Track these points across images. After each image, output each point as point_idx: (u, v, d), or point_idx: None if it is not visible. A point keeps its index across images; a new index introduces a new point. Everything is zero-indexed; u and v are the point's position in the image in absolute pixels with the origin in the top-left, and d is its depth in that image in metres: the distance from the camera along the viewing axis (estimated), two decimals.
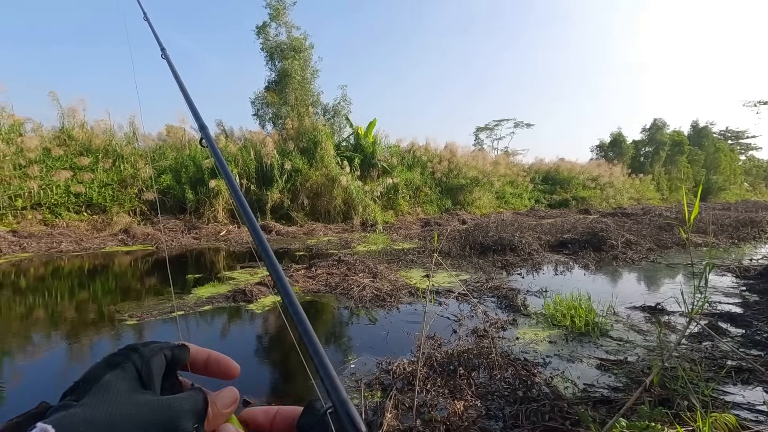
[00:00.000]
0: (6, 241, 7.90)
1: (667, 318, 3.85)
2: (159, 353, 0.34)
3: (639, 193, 27.96)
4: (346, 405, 0.31)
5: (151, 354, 0.33)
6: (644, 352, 3.04)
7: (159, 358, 0.34)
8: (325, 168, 13.02)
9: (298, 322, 0.36)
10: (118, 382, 0.30)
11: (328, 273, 5.55)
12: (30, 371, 2.92)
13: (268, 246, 0.44)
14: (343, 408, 0.31)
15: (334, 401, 0.31)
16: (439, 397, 2.33)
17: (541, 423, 2.07)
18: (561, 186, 23.91)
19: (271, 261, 0.42)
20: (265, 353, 3.27)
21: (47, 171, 10.02)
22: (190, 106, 0.78)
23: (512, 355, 2.96)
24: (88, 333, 3.63)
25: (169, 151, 12.63)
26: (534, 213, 17.59)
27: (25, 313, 4.27)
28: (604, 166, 27.60)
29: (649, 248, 7.71)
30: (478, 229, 8.95)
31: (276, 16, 16.51)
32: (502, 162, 22.16)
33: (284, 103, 16.27)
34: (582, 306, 3.70)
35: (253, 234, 0.46)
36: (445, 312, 4.06)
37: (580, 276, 5.81)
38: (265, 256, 0.43)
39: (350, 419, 0.30)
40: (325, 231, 11.19)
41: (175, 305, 4.29)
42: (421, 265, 6.50)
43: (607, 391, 2.44)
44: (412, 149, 18.39)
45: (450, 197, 17.46)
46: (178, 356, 0.36)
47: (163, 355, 0.34)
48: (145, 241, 9.05)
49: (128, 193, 10.97)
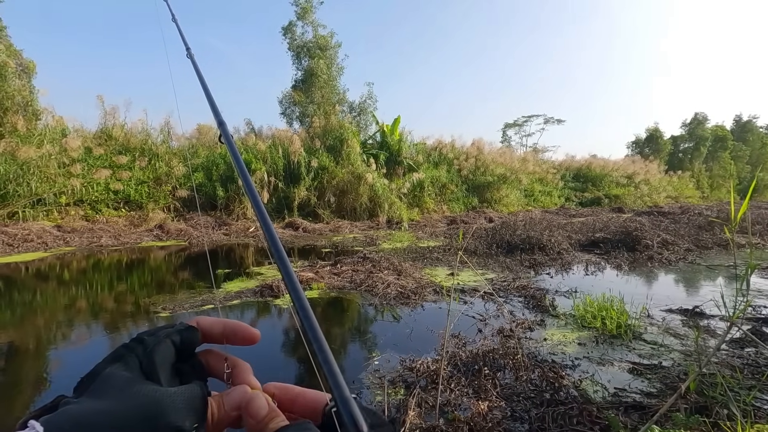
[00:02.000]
0: (51, 235, 8.38)
1: (705, 322, 3.67)
2: (164, 341, 0.34)
3: (677, 191, 26.72)
4: (348, 403, 0.30)
5: (155, 343, 0.33)
6: (680, 357, 2.90)
7: (164, 346, 0.33)
8: (351, 165, 13.11)
9: (304, 318, 0.36)
10: (115, 377, 0.30)
11: (353, 270, 5.59)
12: (73, 360, 3.08)
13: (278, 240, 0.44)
14: (345, 406, 0.30)
15: (336, 399, 0.31)
16: (463, 397, 2.31)
17: (569, 427, 2.01)
18: (593, 184, 23.17)
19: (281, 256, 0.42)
20: (290, 348, 3.33)
21: (88, 169, 10.54)
22: (210, 102, 0.80)
23: (539, 356, 2.89)
24: (125, 324, 3.81)
25: (201, 150, 13.05)
26: (564, 211, 17.12)
27: (69, 304, 4.51)
28: (640, 163, 26.56)
29: (688, 248, 7.36)
30: (505, 227, 8.79)
31: (303, 15, 16.73)
32: (531, 159, 21.67)
33: (311, 102, 16.50)
34: (614, 307, 3.57)
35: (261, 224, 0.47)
36: (470, 311, 4.01)
37: (612, 276, 5.61)
38: (275, 251, 0.43)
39: (352, 418, 0.29)
40: (351, 228, 11.28)
41: (216, 298, 4.43)
42: (446, 263, 6.45)
43: (640, 396, 2.34)
44: (439, 146, 18.26)
45: (476, 195, 17.23)
46: (188, 339, 0.36)
47: (171, 341, 0.34)
48: (179, 236, 9.39)
49: (163, 191, 11.41)
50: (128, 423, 0.27)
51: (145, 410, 0.28)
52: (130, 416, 0.28)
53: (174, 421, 0.29)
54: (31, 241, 7.89)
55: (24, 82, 11.71)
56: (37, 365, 2.98)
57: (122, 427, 0.27)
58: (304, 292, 0.38)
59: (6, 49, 11.39)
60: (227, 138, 0.66)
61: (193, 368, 0.36)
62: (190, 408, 0.30)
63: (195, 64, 0.97)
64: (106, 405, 0.28)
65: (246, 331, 0.39)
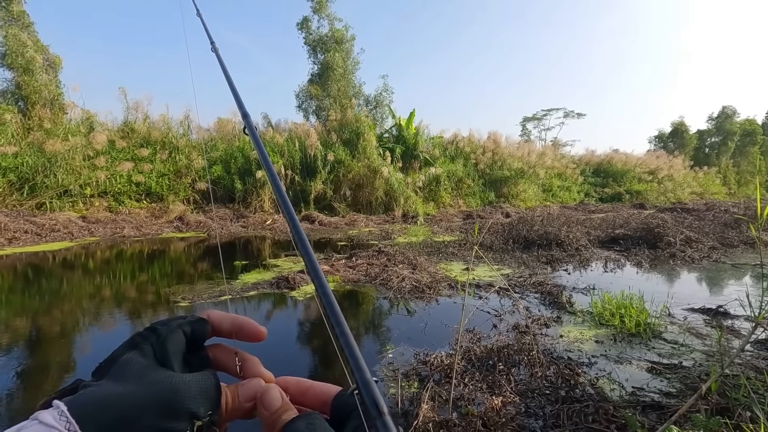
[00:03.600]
0: (77, 226, 8.66)
1: (729, 322, 3.56)
2: (177, 331, 0.35)
3: (702, 187, 25.89)
4: (369, 386, 0.31)
5: (168, 332, 0.34)
6: (702, 357, 2.83)
7: (176, 335, 0.35)
8: (367, 159, 13.12)
9: (327, 303, 0.36)
10: (133, 363, 0.31)
11: (368, 263, 5.61)
12: (97, 345, 3.20)
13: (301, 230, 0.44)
14: (366, 389, 0.31)
15: (358, 381, 0.31)
16: (477, 392, 2.30)
17: (584, 425, 1.99)
18: (614, 179, 22.64)
19: (304, 244, 0.42)
20: (305, 338, 3.38)
21: (112, 162, 10.82)
22: (234, 95, 0.82)
23: (555, 353, 2.86)
24: (146, 313, 3.92)
25: (219, 143, 13.24)
26: (583, 207, 16.80)
27: (93, 292, 4.67)
28: (663, 158, 25.79)
29: (712, 246, 7.13)
30: (522, 222, 8.68)
31: (319, 9, 16.72)
32: (550, 153, 21.24)
33: (327, 95, 16.52)
34: (633, 305, 3.50)
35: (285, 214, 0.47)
36: (485, 306, 3.99)
37: (632, 274, 5.49)
38: (298, 239, 0.43)
39: (373, 400, 0.30)
40: (367, 222, 11.32)
41: (225, 290, 4.52)
42: (461, 258, 6.41)
43: (658, 396, 2.30)
44: (455, 140, 18.08)
45: (493, 189, 17.04)
46: (198, 331, 0.37)
47: (182, 332, 0.35)
48: (198, 228, 9.59)
49: (183, 183, 11.65)
50: (146, 406, 0.29)
51: (162, 395, 0.30)
52: (147, 399, 0.29)
53: (189, 406, 0.30)
54: (58, 231, 8.17)
55: (51, 76, 12.09)
56: (63, 350, 3.10)
57: (141, 409, 0.28)
58: (326, 278, 0.39)
59: (34, 44, 11.74)
60: (251, 130, 0.67)
61: (200, 360, 0.37)
62: (204, 395, 0.32)
63: (219, 58, 0.98)
64: (125, 388, 0.29)
65: (253, 328, 0.39)
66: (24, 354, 3.03)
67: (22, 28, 11.82)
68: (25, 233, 7.71)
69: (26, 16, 12.20)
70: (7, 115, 10.42)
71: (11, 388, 2.48)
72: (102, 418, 0.27)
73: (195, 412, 0.31)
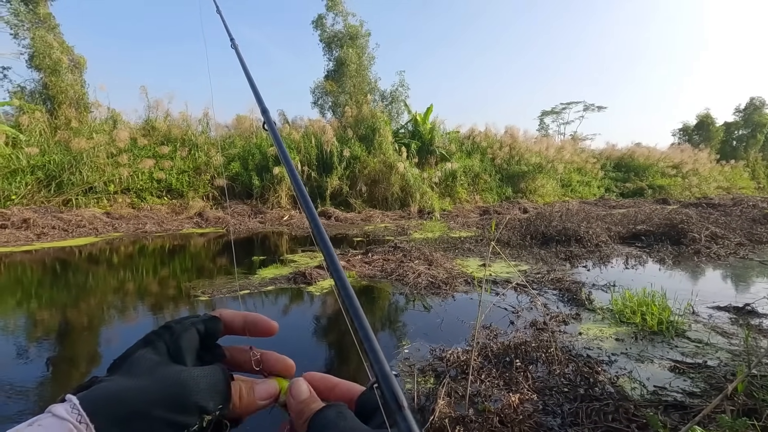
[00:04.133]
0: (101, 222, 8.93)
1: (757, 321, 3.44)
2: (190, 329, 0.36)
3: (729, 182, 24.96)
4: (389, 380, 0.31)
5: (182, 330, 0.36)
6: (728, 357, 2.75)
7: (190, 333, 0.36)
8: (383, 155, 13.11)
9: (345, 297, 0.37)
10: (144, 359, 0.32)
11: (384, 259, 5.62)
12: (122, 338, 3.30)
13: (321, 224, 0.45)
14: (386, 382, 0.31)
15: (378, 375, 0.31)
16: (494, 389, 2.29)
17: (604, 423, 1.96)
18: (636, 173, 22.05)
19: (323, 238, 0.43)
20: (322, 333, 3.41)
21: (134, 159, 11.10)
22: (254, 92, 0.82)
23: (574, 350, 2.82)
24: (168, 307, 4.02)
25: (237, 140, 13.43)
26: (604, 202, 16.44)
27: (117, 286, 4.81)
28: (688, 152, 24.97)
29: (739, 243, 6.89)
30: (540, 218, 8.55)
31: (333, 6, 16.74)
32: (569, 147, 20.81)
33: (342, 92, 16.55)
34: (655, 303, 3.42)
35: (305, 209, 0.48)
36: (502, 303, 3.95)
37: (654, 271, 5.36)
38: (317, 233, 0.44)
39: (392, 394, 0.30)
40: (382, 218, 11.33)
41: (237, 286, 4.59)
42: (478, 254, 6.37)
43: (681, 395, 2.24)
44: (472, 135, 17.89)
45: (510, 185, 16.82)
46: (211, 328, 0.38)
47: (195, 329, 0.36)
48: (217, 224, 9.76)
49: (202, 180, 11.87)
50: (155, 400, 0.30)
51: (170, 389, 0.31)
52: (156, 394, 0.30)
53: (198, 400, 0.31)
54: (84, 226, 8.43)
55: (76, 76, 12.43)
56: (90, 342, 3.21)
57: (150, 403, 0.29)
58: (344, 272, 0.39)
59: (59, 45, 12.09)
60: (270, 126, 0.68)
61: (214, 357, 0.38)
62: (213, 390, 0.33)
63: (239, 55, 0.99)
64: (135, 383, 0.30)
65: (265, 323, 0.40)
66: (53, 345, 3.15)
67: (49, 30, 12.18)
68: (53, 229, 7.99)
69: (52, 18, 12.56)
70: (37, 114, 10.80)
71: (42, 378, 2.59)
72: (112, 411, 0.28)
73: (204, 407, 0.31)
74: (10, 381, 2.51)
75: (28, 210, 8.64)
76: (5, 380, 2.52)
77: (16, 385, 2.46)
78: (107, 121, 12.23)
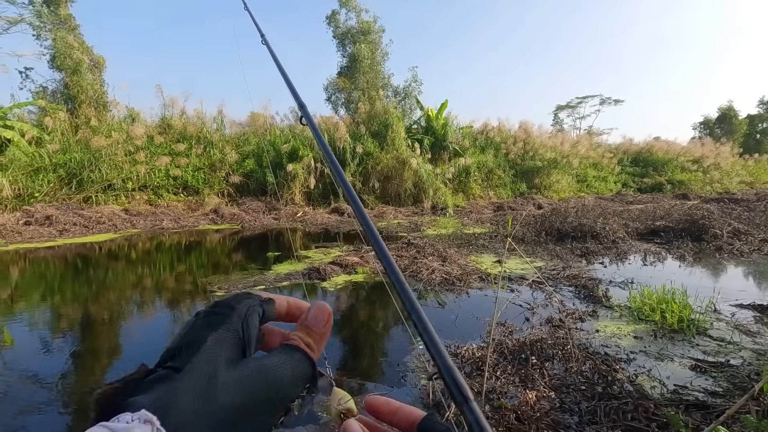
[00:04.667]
0: (120, 218, 9.12)
1: None
2: (254, 312, 0.33)
3: (752, 176, 24.19)
4: (452, 372, 0.30)
5: (249, 313, 0.33)
6: (752, 356, 2.68)
7: (254, 318, 0.33)
8: (395, 151, 13.07)
9: (401, 291, 0.36)
10: (219, 350, 0.29)
11: (397, 255, 5.62)
12: (141, 331, 3.37)
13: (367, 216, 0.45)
14: (449, 374, 0.30)
15: (440, 367, 0.31)
16: (509, 385, 2.28)
17: (622, 422, 1.93)
18: (654, 168, 21.52)
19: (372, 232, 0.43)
20: (336, 329, 3.43)
21: (151, 157, 11.30)
22: (289, 87, 0.83)
23: (591, 348, 2.78)
24: (185, 301, 4.10)
25: (251, 137, 13.54)
26: (621, 198, 16.12)
27: (136, 281, 4.92)
28: (710, 146, 24.26)
29: (763, 239, 6.69)
30: (555, 214, 8.43)
31: (346, 2, 16.70)
32: (584, 142, 20.42)
33: (355, 88, 16.53)
34: (675, 300, 3.35)
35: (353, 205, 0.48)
36: (517, 299, 3.92)
37: (673, 268, 5.24)
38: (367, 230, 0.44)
39: (456, 385, 0.29)
40: (395, 214, 11.32)
41: (242, 285, 4.65)
42: (492, 250, 6.32)
43: (703, 395, 2.20)
44: (485, 130, 17.70)
45: (525, 180, 16.61)
46: (268, 312, 0.36)
47: (257, 313, 0.34)
48: (232, 220, 9.89)
49: (217, 177, 12.02)
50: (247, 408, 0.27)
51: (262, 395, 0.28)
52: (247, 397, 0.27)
53: (291, 394, 0.30)
54: (103, 223, 8.64)
55: (95, 76, 12.70)
56: (110, 334, 3.29)
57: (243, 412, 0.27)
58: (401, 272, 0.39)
59: (80, 46, 12.35)
60: (309, 119, 0.68)
61: (257, 342, 0.36)
62: (302, 379, 0.32)
63: (271, 50, 1.00)
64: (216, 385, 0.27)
65: (305, 307, 0.39)
66: (76, 338, 3.24)
67: (69, 31, 12.45)
68: (74, 225, 8.20)
69: (72, 19, 12.83)
70: (60, 114, 11.08)
71: (66, 369, 2.67)
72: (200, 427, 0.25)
73: (294, 396, 0.31)
74: (35, 372, 2.59)
75: (50, 207, 8.88)
76: (31, 371, 2.60)
77: (41, 376, 2.54)
78: (125, 119, 12.48)
